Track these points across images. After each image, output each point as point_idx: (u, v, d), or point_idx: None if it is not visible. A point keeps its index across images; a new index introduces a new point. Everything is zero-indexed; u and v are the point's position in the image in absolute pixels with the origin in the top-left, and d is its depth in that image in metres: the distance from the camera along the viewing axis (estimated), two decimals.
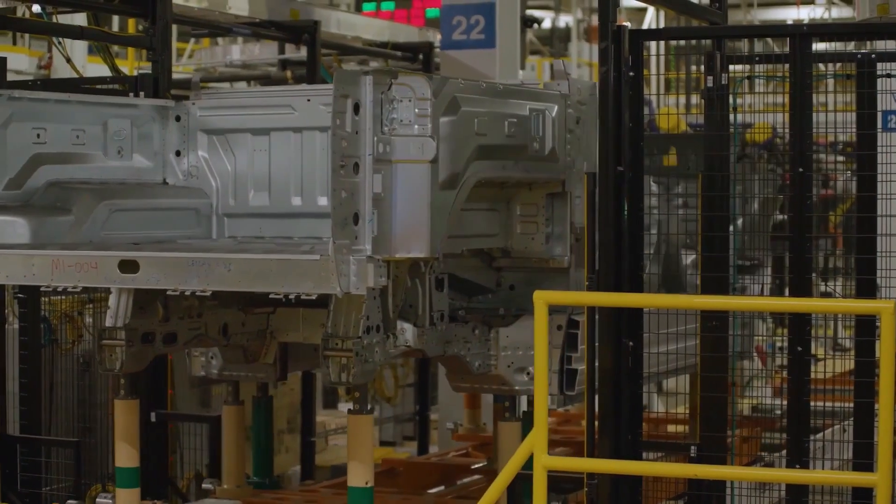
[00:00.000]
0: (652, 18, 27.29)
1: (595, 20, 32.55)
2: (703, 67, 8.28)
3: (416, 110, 7.80)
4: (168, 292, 7.98)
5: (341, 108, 7.55)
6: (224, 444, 9.65)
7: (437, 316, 8.59)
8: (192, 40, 26.04)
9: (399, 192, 7.81)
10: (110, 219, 8.76)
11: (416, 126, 7.80)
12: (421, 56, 20.04)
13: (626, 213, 8.04)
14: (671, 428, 11.34)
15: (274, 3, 17.10)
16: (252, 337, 9.20)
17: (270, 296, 7.70)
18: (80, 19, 20.69)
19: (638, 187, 8.05)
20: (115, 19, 23.25)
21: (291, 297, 7.63)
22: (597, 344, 8.12)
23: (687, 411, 10.28)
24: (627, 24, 8.14)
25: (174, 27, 17.58)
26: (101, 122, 9.01)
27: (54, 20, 11.93)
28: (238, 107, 9.33)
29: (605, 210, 8.01)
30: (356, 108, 7.61)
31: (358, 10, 29.25)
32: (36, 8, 18.23)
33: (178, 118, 9.33)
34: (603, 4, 8.05)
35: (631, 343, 8.11)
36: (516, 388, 8.99)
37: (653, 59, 19.39)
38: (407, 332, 8.43)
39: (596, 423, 8.08)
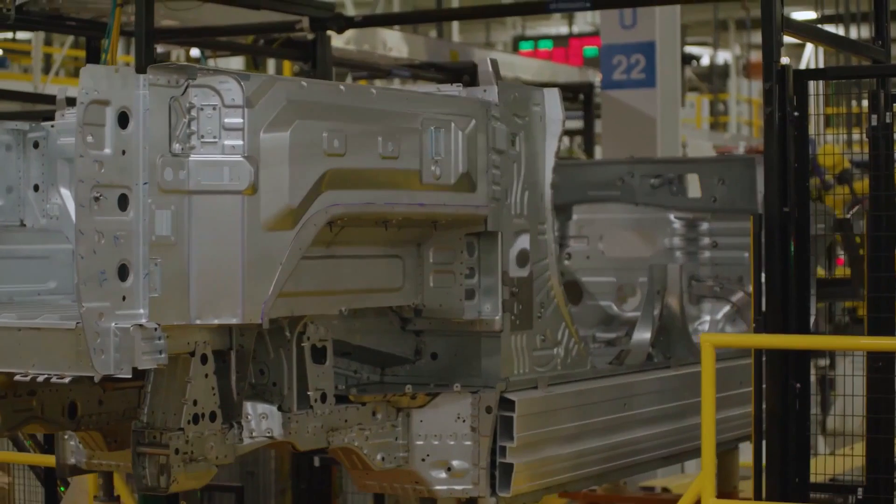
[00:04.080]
0: (810, 54, 24.18)
1: (753, 56, 29.57)
2: (864, 104, 7.84)
3: (225, 121, 5.07)
4: None
5: (95, 118, 4.84)
6: None
7: (316, 396, 5.72)
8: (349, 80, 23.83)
9: (199, 235, 5.11)
10: None
11: (223, 143, 5.06)
12: (582, 96, 18.08)
13: (792, 253, 7.19)
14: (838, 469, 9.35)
15: (433, 45, 16.91)
16: (115, 418, 6.39)
17: (16, 378, 4.96)
18: (235, 63, 18.64)
19: (804, 228, 7.24)
20: (271, 62, 21.47)
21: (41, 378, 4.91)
22: (763, 386, 7.15)
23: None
24: (786, 59, 7.32)
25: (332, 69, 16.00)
26: None
27: (212, 63, 11.22)
28: None
29: (771, 251, 7.12)
30: (122, 119, 4.82)
31: (515, 49, 26.77)
32: (194, 52, 16.42)
33: (35, 145, 6.59)
34: (766, 44, 7.11)
35: (798, 385, 7.20)
36: (435, 487, 6.14)
37: (812, 98, 16.83)
38: (271, 417, 5.59)
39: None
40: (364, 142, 5.51)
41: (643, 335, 7.35)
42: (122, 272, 4.89)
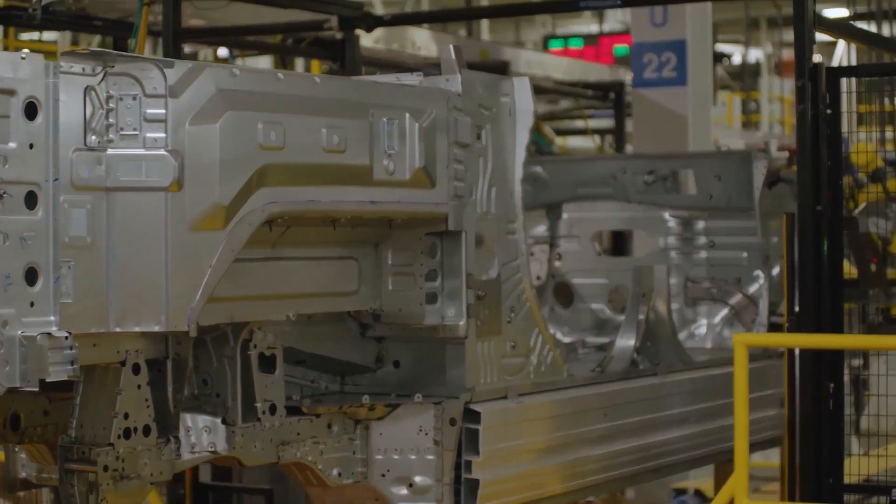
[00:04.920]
0: (842, 52, 23.52)
1: (785, 54, 28.85)
2: None
3: (146, 112, 4.62)
4: None
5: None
6: None
7: (265, 408, 5.23)
8: None
9: (118, 235, 4.64)
10: None
11: (145, 136, 4.61)
12: (612, 95, 17.67)
13: (825, 252, 6.99)
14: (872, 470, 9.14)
15: (463, 44, 15.90)
16: (62, 430, 5.92)
17: None
18: (263, 62, 18.35)
19: (837, 226, 7.04)
20: (299, 60, 21.13)
21: None
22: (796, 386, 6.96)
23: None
24: (818, 56, 7.16)
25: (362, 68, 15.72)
26: None
27: (239, 62, 10.97)
28: None
29: (803, 250, 6.92)
30: (30, 110, 4.36)
31: (545, 47, 26.19)
32: (222, 52, 16.25)
33: None
34: (799, 41, 7.01)
35: (832, 385, 7.00)
36: None
37: (844, 95, 16.39)
38: (215, 431, 5.12)
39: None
40: (305, 134, 5.03)
41: (627, 341, 6.81)
42: (30, 276, 4.43)
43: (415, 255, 5.62)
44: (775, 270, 8.27)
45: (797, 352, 6.90)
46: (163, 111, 4.62)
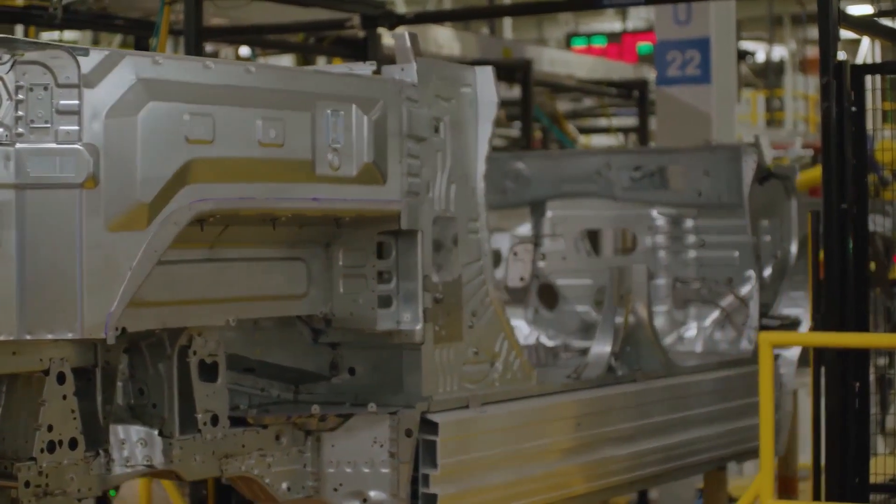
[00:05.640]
0: (867, 49, 23.06)
1: (809, 51, 28.36)
2: None
3: (58, 103, 4.26)
4: None
5: None
6: None
7: (206, 419, 4.86)
8: None
9: (28, 236, 4.28)
10: None
11: (57, 129, 4.26)
12: (636, 92, 17.43)
13: (850, 250, 6.83)
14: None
15: (486, 43, 16.10)
16: None
17: None
18: (286, 61, 18.26)
19: (862, 225, 6.88)
20: (322, 60, 20.91)
21: None
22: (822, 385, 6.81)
23: None
24: (843, 53, 7.05)
25: None
26: None
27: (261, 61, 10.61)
28: None
29: (829, 248, 6.76)
30: None
31: (568, 45, 25.78)
32: (243, 51, 16.19)
33: None
34: (823, 38, 6.84)
35: (858, 384, 6.85)
36: None
37: (868, 93, 16.06)
38: (151, 443, 4.75)
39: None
40: (238, 127, 4.65)
41: (603, 346, 6.38)
42: None
43: (367, 255, 5.23)
44: (767, 271, 7.85)
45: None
46: (76, 102, 4.26)
